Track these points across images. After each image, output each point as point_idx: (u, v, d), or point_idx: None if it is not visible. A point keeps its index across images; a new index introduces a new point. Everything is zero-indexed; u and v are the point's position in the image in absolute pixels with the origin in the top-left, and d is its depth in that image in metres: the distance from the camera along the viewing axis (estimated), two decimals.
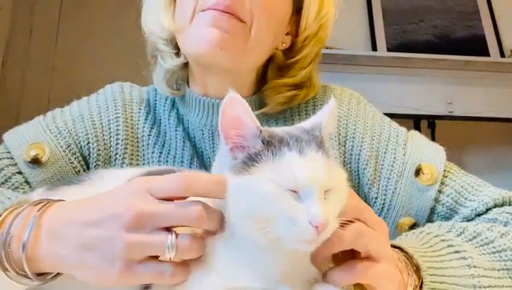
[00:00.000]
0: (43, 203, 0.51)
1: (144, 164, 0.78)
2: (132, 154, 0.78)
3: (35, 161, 0.71)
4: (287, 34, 0.79)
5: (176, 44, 0.77)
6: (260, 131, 0.46)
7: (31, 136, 0.74)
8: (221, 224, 0.47)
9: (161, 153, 0.79)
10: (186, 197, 0.47)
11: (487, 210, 0.68)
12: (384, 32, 2.47)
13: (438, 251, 0.58)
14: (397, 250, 0.57)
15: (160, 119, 0.82)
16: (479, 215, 0.68)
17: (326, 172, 0.44)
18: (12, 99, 2.50)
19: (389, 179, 0.74)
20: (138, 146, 0.79)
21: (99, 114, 0.79)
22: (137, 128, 0.80)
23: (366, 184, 0.75)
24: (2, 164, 0.71)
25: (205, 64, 0.75)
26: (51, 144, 0.73)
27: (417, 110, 2.25)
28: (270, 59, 0.79)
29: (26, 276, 0.48)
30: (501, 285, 0.57)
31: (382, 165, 0.75)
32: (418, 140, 0.78)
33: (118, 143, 0.77)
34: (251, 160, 0.45)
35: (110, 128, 0.78)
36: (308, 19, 0.77)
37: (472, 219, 0.69)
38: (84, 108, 0.80)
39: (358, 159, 0.76)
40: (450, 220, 0.70)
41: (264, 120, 0.80)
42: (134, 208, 0.45)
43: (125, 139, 0.78)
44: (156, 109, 0.83)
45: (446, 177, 0.72)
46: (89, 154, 0.76)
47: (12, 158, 0.72)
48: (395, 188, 0.73)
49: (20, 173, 0.71)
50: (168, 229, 0.46)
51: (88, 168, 0.76)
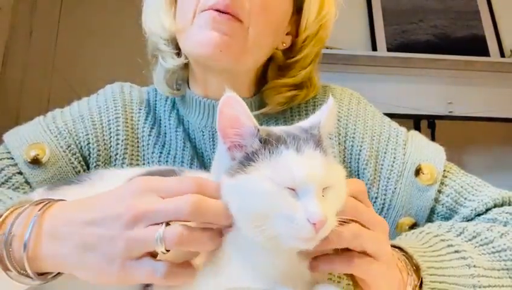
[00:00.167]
0: (44, 203, 0.51)
1: (144, 164, 0.78)
2: (132, 154, 0.78)
3: (35, 161, 0.71)
4: (287, 34, 0.79)
5: (177, 44, 0.77)
6: (258, 130, 0.46)
7: (31, 136, 0.74)
8: (225, 217, 0.45)
9: (161, 154, 0.79)
10: None
11: (487, 210, 0.68)
12: (384, 32, 2.47)
13: (438, 251, 0.58)
14: (397, 250, 0.57)
15: (160, 119, 0.82)
16: (479, 215, 0.68)
17: (324, 170, 0.44)
18: (12, 99, 2.50)
19: (389, 179, 0.74)
20: (138, 146, 0.79)
21: (99, 114, 0.79)
22: (137, 128, 0.80)
23: (366, 184, 0.75)
24: (3, 164, 0.71)
25: (205, 65, 0.75)
26: (51, 145, 0.73)
27: (417, 110, 2.25)
28: (271, 59, 0.79)
29: (27, 275, 0.48)
30: (501, 285, 0.57)
31: (382, 165, 0.75)
32: (418, 140, 0.78)
33: (118, 143, 0.77)
34: (248, 160, 0.45)
35: (110, 128, 0.78)
36: (308, 19, 0.77)
37: (472, 219, 0.69)
38: (84, 108, 0.80)
39: (358, 159, 0.77)
40: (450, 220, 0.70)
41: (264, 120, 0.80)
42: (134, 208, 0.45)
43: (125, 139, 0.78)
44: (156, 110, 0.83)
45: (446, 177, 0.72)
46: (89, 154, 0.76)
47: (12, 158, 0.72)
48: (395, 188, 0.73)
49: (20, 173, 0.71)
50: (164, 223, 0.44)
51: (88, 168, 0.76)
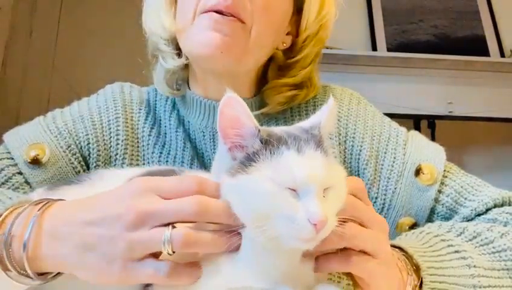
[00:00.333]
0: (44, 202, 0.51)
1: (144, 164, 0.78)
2: (132, 154, 0.78)
3: (35, 162, 0.71)
4: (288, 34, 0.79)
5: (177, 44, 0.77)
6: (258, 130, 0.45)
7: (31, 136, 0.74)
8: (228, 217, 0.45)
9: (161, 154, 0.79)
10: None
11: (487, 210, 0.68)
12: (384, 32, 2.47)
13: (438, 251, 0.58)
14: (397, 250, 0.57)
15: (160, 119, 0.82)
16: (479, 215, 0.68)
17: (324, 170, 0.44)
18: (12, 99, 2.50)
19: (389, 179, 0.74)
20: (138, 146, 0.79)
21: (99, 114, 0.79)
22: (137, 128, 0.80)
23: (366, 184, 0.75)
24: (2, 164, 0.71)
25: (206, 66, 0.75)
26: (51, 145, 0.73)
27: (417, 110, 2.25)
28: (271, 59, 0.79)
29: (27, 276, 0.48)
30: (501, 285, 0.57)
31: (382, 165, 0.75)
32: (418, 140, 0.78)
33: (118, 143, 0.77)
34: (249, 160, 0.45)
35: (110, 128, 0.78)
36: (308, 19, 0.77)
37: (472, 219, 0.69)
38: (84, 108, 0.80)
39: (358, 159, 0.77)
40: (450, 220, 0.70)
41: (265, 120, 0.80)
42: (134, 208, 0.45)
43: (125, 139, 0.78)
44: (156, 110, 0.83)
45: (446, 177, 0.72)
46: (89, 154, 0.76)
47: (12, 158, 0.72)
48: (395, 188, 0.73)
49: (20, 174, 0.71)
50: (170, 226, 0.45)
51: (88, 168, 0.76)
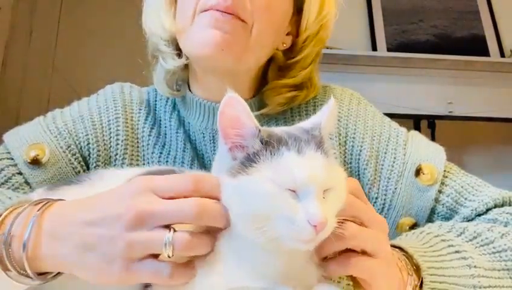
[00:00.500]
0: (44, 202, 0.51)
1: (144, 165, 0.78)
2: (132, 154, 0.78)
3: (35, 162, 0.71)
4: (288, 34, 0.79)
5: (177, 45, 0.76)
6: (259, 131, 0.45)
7: (31, 136, 0.74)
8: (224, 219, 0.45)
9: (161, 154, 0.79)
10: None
11: (487, 210, 0.68)
12: (384, 32, 2.47)
13: (438, 251, 0.58)
14: (397, 250, 0.57)
15: (160, 120, 0.82)
16: (479, 215, 0.68)
17: (325, 171, 0.44)
18: (12, 99, 2.50)
19: (389, 179, 0.74)
20: (138, 146, 0.79)
21: (99, 115, 0.79)
22: (137, 128, 0.80)
23: (367, 184, 0.75)
24: (2, 165, 0.71)
25: (206, 66, 0.75)
26: (51, 145, 0.73)
27: (417, 110, 2.25)
28: (271, 60, 0.79)
29: (27, 275, 0.48)
30: (501, 285, 0.57)
31: (382, 165, 0.75)
32: (418, 140, 0.78)
33: (118, 144, 0.77)
34: (249, 160, 0.45)
35: (110, 128, 0.78)
36: (308, 19, 0.77)
37: (472, 219, 0.69)
38: (84, 109, 0.80)
39: (358, 159, 0.77)
40: (450, 220, 0.70)
41: (265, 121, 0.80)
42: (134, 208, 0.45)
43: (125, 139, 0.78)
44: (156, 110, 0.83)
45: (446, 177, 0.72)
46: (89, 154, 0.76)
47: (12, 159, 0.72)
48: (396, 188, 0.73)
49: (20, 174, 0.71)
50: (169, 227, 0.45)
51: (88, 168, 0.76)
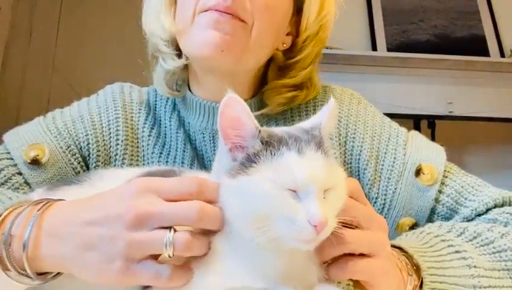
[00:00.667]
0: (44, 202, 0.51)
1: (144, 165, 0.78)
2: (132, 154, 0.78)
3: (35, 162, 0.71)
4: (288, 35, 0.79)
5: (177, 45, 0.76)
6: (259, 131, 0.45)
7: (31, 137, 0.74)
8: (221, 222, 0.46)
9: (161, 154, 0.79)
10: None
11: (487, 210, 0.68)
12: (384, 32, 2.47)
13: (438, 251, 0.58)
14: (397, 250, 0.57)
15: (160, 120, 0.82)
16: (479, 215, 0.68)
17: (325, 171, 0.44)
18: (12, 99, 2.50)
19: (390, 179, 0.74)
20: (138, 146, 0.79)
21: (99, 115, 0.79)
22: (137, 128, 0.80)
23: (367, 184, 0.75)
24: (2, 165, 0.71)
25: (206, 66, 0.75)
26: (51, 145, 0.73)
27: (417, 110, 2.25)
28: (271, 60, 0.79)
29: (27, 275, 0.48)
30: (501, 285, 0.57)
31: (382, 165, 0.75)
32: (418, 140, 0.78)
33: (118, 144, 0.77)
34: (250, 161, 0.45)
35: (110, 128, 0.78)
36: (308, 19, 0.77)
37: (472, 219, 0.69)
38: (84, 109, 0.80)
39: (358, 160, 0.77)
40: (450, 220, 0.70)
41: (265, 121, 0.80)
42: (134, 208, 0.45)
43: (125, 139, 0.78)
44: (156, 110, 0.83)
45: (446, 177, 0.72)
46: (89, 155, 0.76)
47: (12, 159, 0.72)
48: (396, 188, 0.73)
49: (20, 174, 0.71)
50: (170, 227, 0.45)
51: (88, 168, 0.76)
